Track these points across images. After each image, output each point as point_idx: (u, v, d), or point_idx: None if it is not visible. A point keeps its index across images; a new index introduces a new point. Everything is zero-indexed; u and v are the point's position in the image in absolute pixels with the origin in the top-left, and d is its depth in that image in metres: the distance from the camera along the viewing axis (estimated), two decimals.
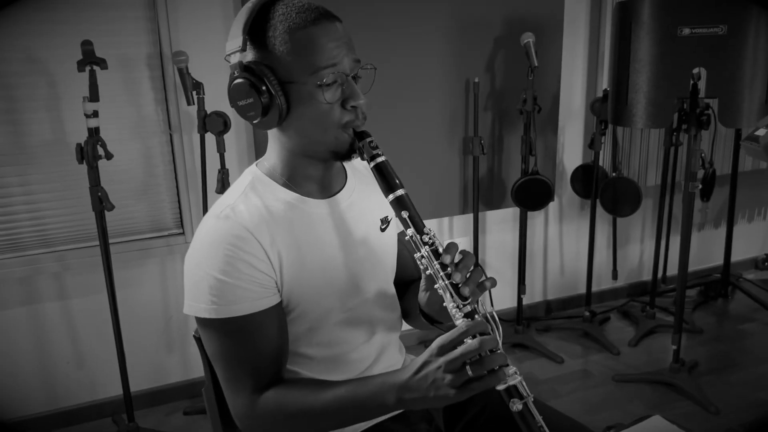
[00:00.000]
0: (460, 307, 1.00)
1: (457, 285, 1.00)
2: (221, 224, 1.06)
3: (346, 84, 1.04)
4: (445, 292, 1.01)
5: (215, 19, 2.34)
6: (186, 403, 2.60)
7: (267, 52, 1.03)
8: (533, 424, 0.97)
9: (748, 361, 2.83)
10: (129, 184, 2.39)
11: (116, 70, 2.24)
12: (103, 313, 2.38)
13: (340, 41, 1.03)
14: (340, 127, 1.05)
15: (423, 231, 1.04)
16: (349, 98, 1.04)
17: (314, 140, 1.08)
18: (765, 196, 3.70)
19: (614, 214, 3.04)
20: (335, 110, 1.04)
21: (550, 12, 2.81)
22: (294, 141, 1.10)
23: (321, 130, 1.06)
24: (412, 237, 1.04)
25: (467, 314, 0.99)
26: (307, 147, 1.09)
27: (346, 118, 1.05)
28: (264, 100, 1.02)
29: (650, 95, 2.27)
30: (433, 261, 1.02)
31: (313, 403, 1.04)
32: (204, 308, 1.05)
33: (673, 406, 2.47)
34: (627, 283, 3.48)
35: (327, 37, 1.02)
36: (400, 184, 1.05)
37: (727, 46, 2.13)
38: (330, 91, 1.03)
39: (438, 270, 1.02)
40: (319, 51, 1.01)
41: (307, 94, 1.02)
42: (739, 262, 3.67)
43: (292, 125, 1.07)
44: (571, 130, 3.08)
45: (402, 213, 1.04)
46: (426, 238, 1.03)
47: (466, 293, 1.00)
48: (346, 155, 1.09)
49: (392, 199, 1.05)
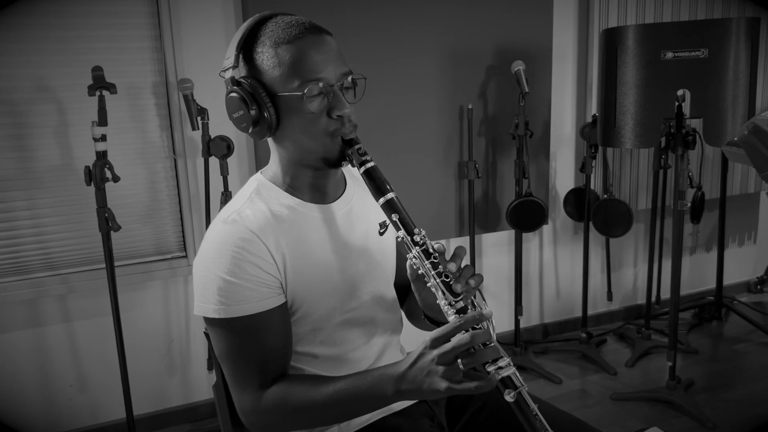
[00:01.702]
0: (452, 304, 1.03)
1: (448, 282, 1.04)
2: (229, 228, 1.12)
3: (331, 94, 1.09)
4: (437, 290, 1.04)
5: (218, 47, 2.44)
6: (187, 427, 2.60)
7: (256, 67, 1.10)
8: (528, 412, 1.00)
9: (743, 379, 2.86)
10: (133, 208, 2.45)
11: (123, 98, 2.32)
12: (106, 336, 2.42)
13: (326, 54, 1.09)
14: (328, 136, 1.11)
15: (413, 232, 1.07)
16: (334, 108, 1.09)
17: (305, 149, 1.13)
18: (753, 220, 3.78)
19: (607, 235, 3.11)
20: (321, 119, 1.09)
21: (539, 41, 2.93)
22: (289, 150, 1.16)
23: (310, 139, 1.11)
24: (404, 239, 1.08)
25: (459, 310, 1.03)
26: (300, 155, 1.15)
27: (332, 126, 1.10)
28: (253, 112, 1.09)
29: (637, 116, 2.37)
30: (425, 260, 1.06)
31: (315, 396, 1.08)
32: (212, 308, 1.10)
33: (671, 422, 2.50)
34: (622, 307, 3.53)
35: (312, 50, 1.08)
36: (389, 188, 1.09)
37: (709, 69, 2.24)
38: (315, 102, 1.08)
39: (429, 269, 1.05)
40: (304, 64, 1.07)
41: (294, 106, 1.08)
42: (731, 286, 3.73)
43: (285, 135, 1.13)
44: (562, 156, 3.17)
45: (392, 216, 1.08)
46: (417, 239, 1.07)
47: (458, 289, 1.03)
48: (336, 162, 1.14)
49: (383, 202, 1.09)
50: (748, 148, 0.93)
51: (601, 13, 3.02)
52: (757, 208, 3.76)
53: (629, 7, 3.06)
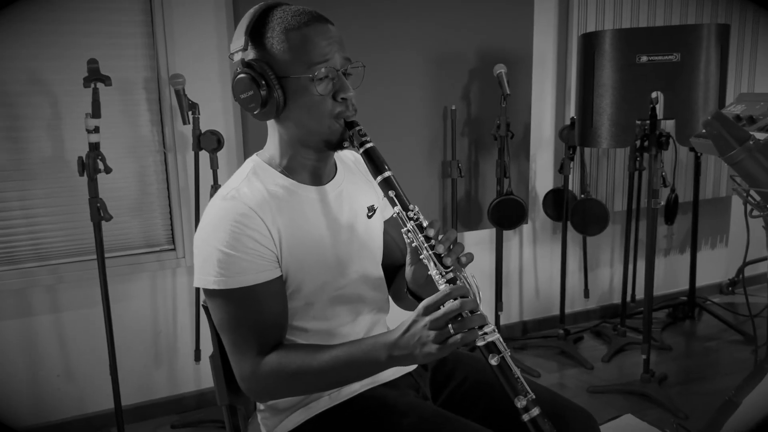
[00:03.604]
0: (443, 274, 1.12)
1: (440, 255, 1.13)
2: (227, 204, 1.18)
3: (336, 78, 1.18)
4: (429, 261, 1.13)
5: (210, 43, 2.50)
6: (174, 418, 2.63)
7: (266, 50, 1.17)
8: (511, 376, 1.09)
9: (715, 374, 2.97)
10: (123, 201, 2.49)
11: (115, 93, 2.37)
12: (94, 326, 2.45)
13: (331, 40, 1.17)
14: (332, 118, 1.19)
15: (408, 208, 1.16)
16: (340, 91, 1.18)
17: (309, 130, 1.21)
18: (725, 223, 3.91)
19: (584, 234, 3.21)
20: (327, 102, 1.18)
21: (520, 46, 3.03)
22: (291, 131, 1.23)
23: (315, 120, 1.19)
24: (399, 214, 1.16)
25: (449, 281, 1.12)
26: (302, 137, 1.22)
27: (337, 109, 1.19)
28: (263, 92, 1.15)
29: (613, 117, 2.47)
30: (418, 234, 1.15)
31: (311, 362, 1.15)
32: (212, 280, 1.16)
33: (645, 413, 2.58)
34: (599, 306, 3.62)
35: (319, 37, 1.16)
36: (387, 168, 1.19)
37: (681, 72, 2.35)
38: (322, 84, 1.16)
39: (423, 242, 1.14)
40: (312, 48, 1.15)
41: (302, 88, 1.16)
42: (704, 287, 3.84)
43: (289, 116, 1.20)
44: (541, 157, 3.27)
45: (389, 192, 1.17)
46: (411, 214, 1.16)
47: (448, 263, 1.12)
48: (338, 144, 1.22)
49: (380, 180, 1.18)
50: (711, 132, 1.02)
51: (579, 18, 3.14)
52: (729, 211, 3.89)
53: (606, 12, 3.18)
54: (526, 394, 1.08)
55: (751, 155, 1.02)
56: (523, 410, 1.08)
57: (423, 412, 1.24)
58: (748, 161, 1.02)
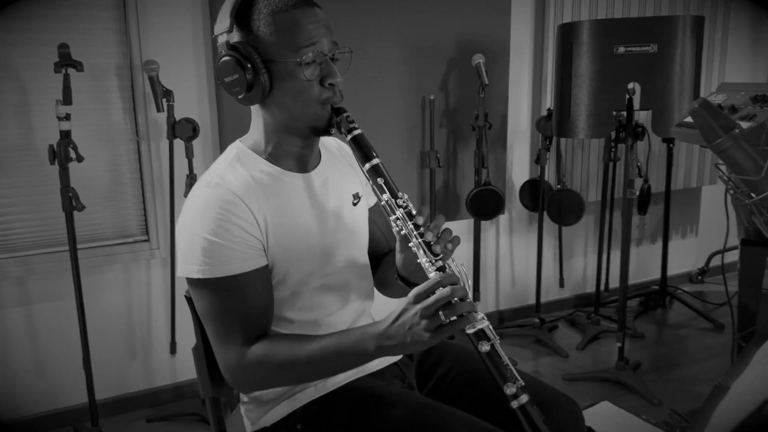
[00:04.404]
0: (433, 262, 1.11)
1: (429, 243, 1.12)
2: (212, 191, 1.15)
3: (324, 63, 1.15)
4: (419, 249, 1.12)
5: (184, 29, 2.45)
6: (149, 411, 2.59)
7: (252, 33, 1.13)
8: (500, 363, 1.09)
9: (686, 361, 3.03)
10: (95, 191, 2.43)
11: (86, 79, 2.30)
12: (65, 319, 2.40)
13: (319, 24, 1.15)
14: (319, 103, 1.16)
15: (397, 195, 1.15)
16: (327, 76, 1.16)
17: (295, 115, 1.18)
18: (696, 214, 3.98)
19: (560, 224, 3.24)
20: (314, 87, 1.15)
21: (497, 37, 3.03)
22: (276, 117, 1.20)
23: (301, 106, 1.16)
24: (388, 201, 1.15)
25: (439, 269, 1.11)
26: (288, 122, 1.20)
27: (324, 94, 1.16)
28: (249, 76, 1.12)
29: (591, 108, 2.49)
30: (408, 222, 1.13)
31: (299, 352, 1.13)
32: (197, 269, 1.13)
33: (620, 400, 2.62)
34: (573, 295, 3.67)
35: (307, 20, 1.13)
36: (375, 155, 1.17)
37: (658, 63, 2.37)
38: (309, 69, 1.14)
39: (412, 229, 1.13)
40: (300, 32, 1.12)
41: (289, 72, 1.13)
42: (675, 276, 3.91)
43: (274, 101, 1.17)
44: (518, 148, 3.28)
45: (378, 180, 1.16)
46: (400, 202, 1.15)
47: (438, 250, 1.12)
48: (324, 130, 1.20)
49: (368, 167, 1.16)
50: (697, 121, 1.03)
51: (556, 9, 3.15)
52: (699, 202, 3.96)
53: (583, 3, 3.20)
54: (515, 381, 1.08)
55: (736, 143, 1.03)
56: (512, 397, 1.08)
57: (410, 401, 1.24)
58: (734, 149, 1.03)
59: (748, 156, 1.02)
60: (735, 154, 1.02)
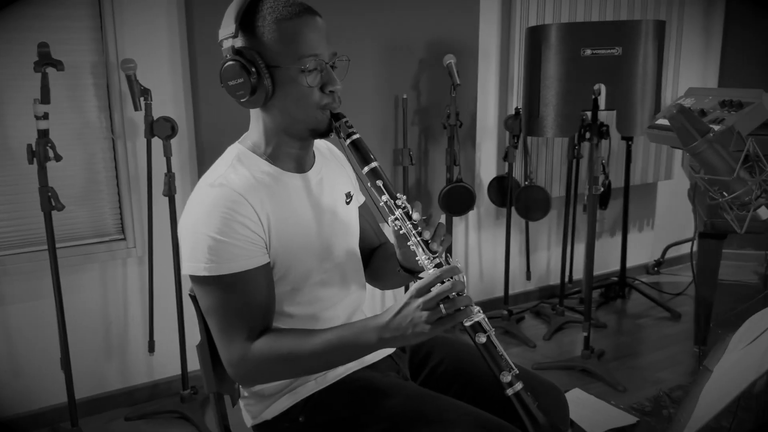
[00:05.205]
0: (431, 259, 1.18)
1: (427, 241, 1.18)
2: (217, 191, 1.19)
3: (325, 71, 1.21)
4: (417, 247, 1.18)
5: (160, 27, 2.44)
6: (126, 410, 2.58)
7: (256, 39, 1.18)
8: (495, 353, 1.17)
9: (647, 349, 3.18)
10: (70, 190, 2.40)
11: (60, 77, 2.27)
12: (41, 319, 2.38)
13: (320, 33, 1.20)
14: (319, 109, 1.22)
15: (396, 197, 1.21)
16: (328, 83, 1.21)
17: (295, 119, 1.23)
18: (651, 208, 4.16)
19: (527, 219, 3.35)
20: (315, 93, 1.20)
21: (466, 38, 3.11)
22: (277, 120, 1.24)
23: (302, 111, 1.21)
24: (387, 202, 1.21)
25: (437, 265, 1.17)
26: (288, 126, 1.25)
27: (324, 100, 1.22)
28: (253, 80, 1.17)
29: (559, 108, 2.59)
30: (406, 221, 1.20)
31: (303, 345, 1.18)
32: (203, 266, 1.17)
33: (587, 387, 2.74)
34: (537, 287, 3.79)
35: (309, 29, 1.19)
36: (373, 158, 1.23)
37: (622, 65, 2.49)
38: (311, 76, 1.19)
39: (410, 229, 1.19)
40: (303, 40, 1.18)
41: (291, 78, 1.18)
42: (632, 268, 4.08)
43: (275, 105, 1.22)
44: (486, 146, 3.38)
45: (377, 182, 1.22)
46: (399, 203, 1.21)
47: (435, 248, 1.18)
48: (324, 133, 1.25)
49: (368, 170, 1.22)
50: (675, 125, 1.11)
51: (521, 12, 3.25)
52: (655, 197, 4.14)
53: (547, 7, 3.30)
54: (510, 370, 1.16)
55: (711, 146, 1.12)
56: (507, 385, 1.15)
57: (409, 391, 1.30)
58: (708, 152, 1.12)
59: (722, 158, 1.11)
60: (710, 156, 1.11)
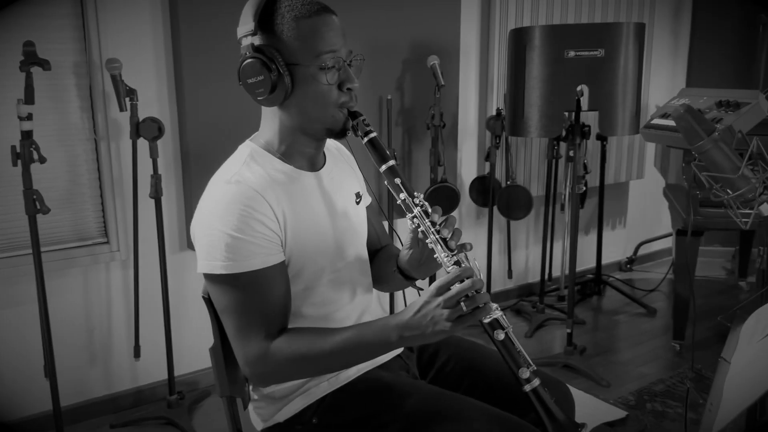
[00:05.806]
0: (450, 257, 1.19)
1: (446, 239, 1.19)
2: (234, 188, 1.18)
3: (343, 69, 1.21)
4: (436, 245, 1.19)
5: (144, 27, 2.40)
6: (111, 418, 2.53)
7: (275, 36, 1.17)
8: (513, 349, 1.18)
9: (625, 344, 3.25)
10: (52, 192, 2.34)
11: (42, 77, 2.21)
12: (22, 326, 2.32)
13: (338, 32, 1.21)
14: (336, 107, 1.22)
15: (414, 195, 1.22)
16: (346, 81, 1.21)
17: (313, 118, 1.23)
18: (624, 207, 4.26)
19: (509, 218, 3.39)
20: (333, 91, 1.20)
21: (449, 39, 3.14)
22: (294, 118, 1.24)
23: (320, 109, 1.21)
24: (405, 200, 1.22)
25: (455, 263, 1.18)
26: (305, 124, 1.24)
27: (342, 98, 1.22)
28: (273, 77, 1.16)
29: (543, 109, 2.64)
30: (425, 219, 1.21)
31: (323, 344, 1.17)
32: (220, 264, 1.16)
33: (572, 383, 2.79)
34: (517, 285, 3.84)
35: (327, 27, 1.19)
36: (391, 156, 1.24)
37: (605, 67, 2.55)
38: (330, 73, 1.19)
39: (429, 227, 1.20)
40: (322, 38, 1.18)
41: (310, 76, 1.18)
42: (606, 265, 4.17)
43: (293, 103, 1.21)
44: (467, 146, 3.41)
45: (395, 180, 1.22)
46: (417, 201, 1.22)
47: (453, 246, 1.19)
48: (339, 133, 1.25)
49: (385, 168, 1.23)
50: (681, 125, 1.15)
51: (501, 14, 3.29)
52: (627, 196, 4.24)
53: (525, 10, 3.35)
54: (528, 366, 1.17)
55: (716, 145, 1.16)
56: (525, 381, 1.17)
57: (423, 390, 1.31)
58: (714, 150, 1.16)
59: (727, 157, 1.15)
60: (715, 155, 1.15)
